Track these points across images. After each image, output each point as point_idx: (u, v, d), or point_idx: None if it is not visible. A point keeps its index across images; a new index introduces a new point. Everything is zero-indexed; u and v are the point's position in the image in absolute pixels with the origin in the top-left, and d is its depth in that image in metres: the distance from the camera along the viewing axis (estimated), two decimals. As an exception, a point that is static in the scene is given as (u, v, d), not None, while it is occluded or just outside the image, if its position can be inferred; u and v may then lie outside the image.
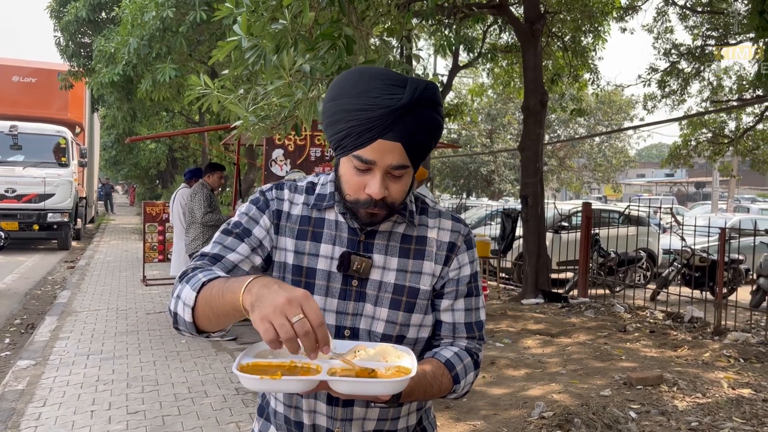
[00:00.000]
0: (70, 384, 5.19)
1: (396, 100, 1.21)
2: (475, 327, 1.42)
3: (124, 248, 15.48)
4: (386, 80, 1.23)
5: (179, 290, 1.25)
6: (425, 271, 1.38)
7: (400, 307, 1.35)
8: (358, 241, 1.36)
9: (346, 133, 1.25)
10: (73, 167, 15.46)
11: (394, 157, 1.24)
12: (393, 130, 1.22)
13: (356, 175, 1.27)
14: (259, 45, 3.01)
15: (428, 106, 1.25)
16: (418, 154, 1.27)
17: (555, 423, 4.20)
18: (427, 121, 1.25)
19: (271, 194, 1.41)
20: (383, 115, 1.21)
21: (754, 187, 50.04)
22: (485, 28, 12.22)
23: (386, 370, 1.16)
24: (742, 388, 5.06)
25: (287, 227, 1.38)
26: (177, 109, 16.73)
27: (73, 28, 11.06)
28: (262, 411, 1.51)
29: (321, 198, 1.39)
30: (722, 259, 7.67)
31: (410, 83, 1.23)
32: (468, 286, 1.41)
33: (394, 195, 1.28)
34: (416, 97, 1.22)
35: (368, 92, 1.22)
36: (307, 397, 1.37)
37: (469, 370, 1.38)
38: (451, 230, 1.41)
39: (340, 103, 1.26)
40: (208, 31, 7.86)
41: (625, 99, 30.15)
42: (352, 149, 1.25)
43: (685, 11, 12.85)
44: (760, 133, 14.03)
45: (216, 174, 6.86)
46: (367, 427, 1.38)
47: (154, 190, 32.34)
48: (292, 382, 1.12)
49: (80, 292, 9.41)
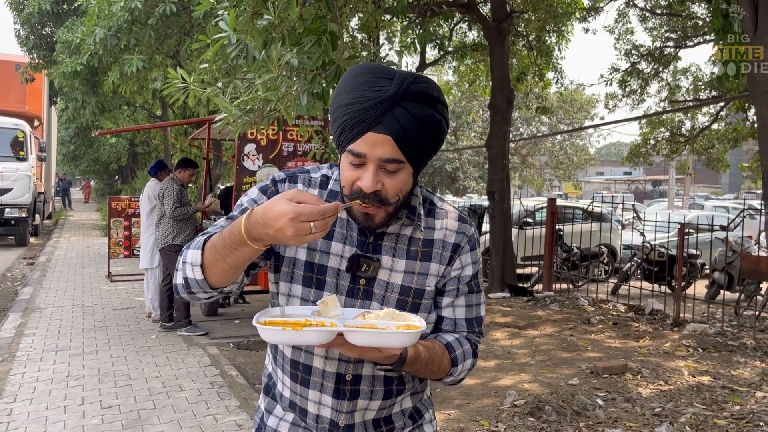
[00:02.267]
0: (39, 380, 5.12)
1: (383, 91, 1.23)
2: (475, 322, 1.47)
3: (86, 244, 15.17)
4: (376, 73, 1.25)
5: (182, 258, 1.30)
6: (431, 272, 1.41)
7: (406, 307, 1.38)
8: (367, 242, 1.38)
9: (341, 128, 1.27)
10: (32, 161, 15.08)
11: (385, 150, 1.24)
12: (382, 122, 1.22)
13: (351, 170, 1.28)
14: (241, 40, 3.04)
15: (419, 100, 1.25)
16: (414, 150, 1.26)
17: (527, 411, 4.33)
18: (419, 115, 1.24)
19: (283, 187, 1.41)
20: (370, 107, 1.22)
21: (707, 186, 51.65)
22: (452, 26, 12.35)
23: (396, 327, 1.20)
24: (701, 375, 5.29)
25: None
26: (139, 103, 16.45)
27: (35, 20, 10.78)
28: (269, 390, 1.54)
29: (333, 195, 1.40)
30: (681, 253, 7.94)
31: (398, 75, 1.25)
32: (469, 284, 1.45)
33: (387, 189, 1.28)
34: (403, 89, 1.23)
35: (359, 86, 1.25)
36: (313, 388, 1.40)
37: (467, 356, 1.43)
38: (456, 231, 1.43)
39: (338, 100, 1.28)
40: (177, 25, 7.77)
41: (586, 98, 30.77)
42: (346, 144, 1.27)
43: (645, 13, 13.21)
44: (715, 133, 14.49)
45: (188, 171, 6.83)
46: (368, 416, 1.42)
47: (114, 186, 31.70)
48: (312, 333, 1.16)
49: (42, 289, 9.22)
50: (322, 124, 6.56)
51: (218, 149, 11.73)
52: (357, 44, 4.71)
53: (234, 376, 5.25)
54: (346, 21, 4.10)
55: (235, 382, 5.11)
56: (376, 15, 4.49)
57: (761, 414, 4.35)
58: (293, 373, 1.43)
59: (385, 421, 1.45)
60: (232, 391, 4.90)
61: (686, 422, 4.20)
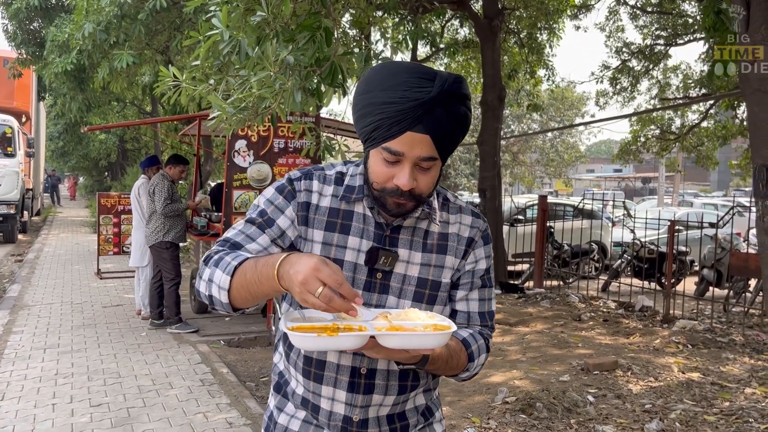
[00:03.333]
0: (28, 378, 5.08)
1: (425, 93, 1.23)
2: (487, 316, 1.49)
3: (75, 241, 15.06)
4: (415, 74, 1.26)
5: (209, 274, 1.30)
6: (447, 265, 1.43)
7: (423, 300, 1.40)
8: (384, 236, 1.39)
9: (376, 125, 1.27)
10: (20, 157, 14.94)
11: (423, 149, 1.26)
12: (422, 123, 1.24)
13: (385, 167, 1.29)
14: (234, 36, 3.02)
15: (456, 99, 1.27)
16: (447, 147, 1.30)
17: (518, 407, 4.34)
18: (455, 113, 1.27)
19: (299, 185, 1.42)
20: (412, 108, 1.23)
21: (697, 183, 51.99)
22: (444, 23, 12.35)
23: (424, 328, 1.20)
24: (691, 372, 5.32)
25: (316, 219, 1.40)
26: (129, 99, 16.34)
27: (23, 15, 10.67)
28: (279, 388, 1.53)
29: (350, 190, 1.41)
30: (671, 250, 7.99)
31: (439, 77, 1.26)
32: (482, 278, 1.47)
33: (422, 187, 1.31)
34: (445, 90, 1.25)
35: (398, 86, 1.25)
36: (327, 384, 1.40)
37: (482, 351, 1.44)
38: (470, 226, 1.45)
39: (370, 96, 1.28)
40: (167, 20, 7.71)
41: (577, 96, 30.86)
42: (381, 141, 1.27)
43: (636, 11, 13.26)
44: (704, 130, 14.58)
45: (179, 167, 6.80)
46: (382, 412, 1.43)
47: (103, 182, 31.48)
48: (347, 338, 1.15)
49: (31, 286, 9.15)
50: (315, 121, 6.54)
51: (209, 145, 11.69)
52: (350, 40, 4.69)
53: (224, 374, 5.23)
54: (339, 16, 4.08)
55: (225, 379, 5.09)
56: (368, 11, 4.47)
57: (750, 410, 4.38)
58: (306, 370, 1.42)
59: (398, 417, 1.46)
60: (223, 388, 4.88)
61: (676, 418, 4.22)
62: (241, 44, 3.03)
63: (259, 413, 4.37)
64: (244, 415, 4.34)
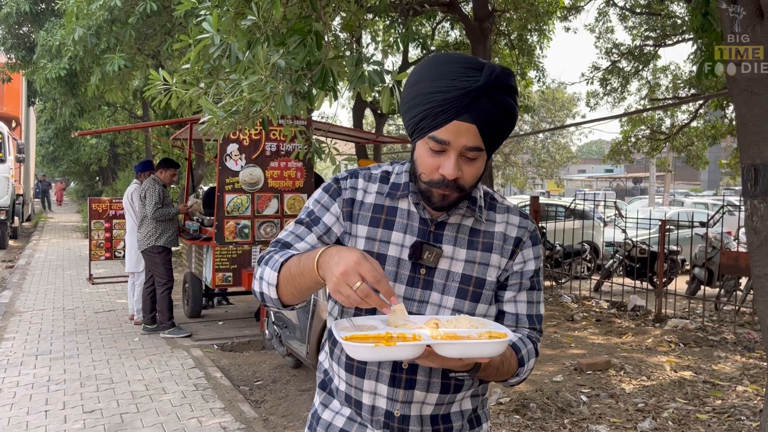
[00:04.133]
0: (20, 384, 5.05)
1: (473, 82, 1.25)
2: (535, 319, 1.46)
3: (66, 246, 14.99)
4: (463, 64, 1.28)
5: (260, 272, 1.35)
6: (492, 263, 1.42)
7: (467, 297, 1.39)
8: (429, 232, 1.40)
9: (423, 115, 1.29)
10: (10, 163, 14.85)
11: (469, 138, 1.27)
12: (468, 112, 1.26)
13: (431, 157, 1.31)
14: (224, 40, 3.02)
15: (503, 91, 1.29)
16: (493, 138, 1.31)
17: (512, 408, 4.36)
18: (502, 105, 1.29)
19: (345, 183, 1.45)
20: (459, 97, 1.25)
21: (687, 182, 52.29)
22: (434, 25, 12.38)
23: (479, 336, 1.20)
24: (683, 370, 5.35)
25: (360, 215, 1.43)
26: (120, 103, 16.28)
27: (13, 20, 10.62)
28: (325, 385, 1.53)
29: (395, 187, 1.43)
30: (662, 250, 8.03)
31: (487, 67, 1.28)
32: (531, 280, 1.45)
33: (467, 177, 1.31)
34: (492, 80, 1.26)
35: (446, 75, 1.27)
36: (369, 378, 1.40)
37: (531, 355, 1.42)
38: (518, 226, 1.45)
39: (419, 87, 1.30)
40: (158, 24, 7.69)
41: (567, 96, 30.99)
42: (428, 131, 1.29)
43: (625, 12, 13.32)
44: (694, 130, 14.66)
45: (170, 171, 6.76)
46: (425, 411, 1.41)
47: (94, 187, 31.32)
48: (405, 348, 1.14)
49: (22, 292, 9.10)
50: (306, 124, 6.54)
51: (200, 149, 11.65)
52: (340, 44, 4.70)
53: (218, 378, 5.21)
54: (330, 20, 4.08)
55: (219, 384, 5.08)
56: (358, 14, 4.48)
57: (742, 408, 4.41)
58: (348, 364, 1.43)
59: (443, 419, 1.43)
60: (217, 393, 4.87)
61: (669, 417, 4.25)
62: (231, 48, 3.04)
63: (253, 417, 4.37)
64: (238, 419, 4.33)
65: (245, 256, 6.65)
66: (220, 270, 6.60)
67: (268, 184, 6.73)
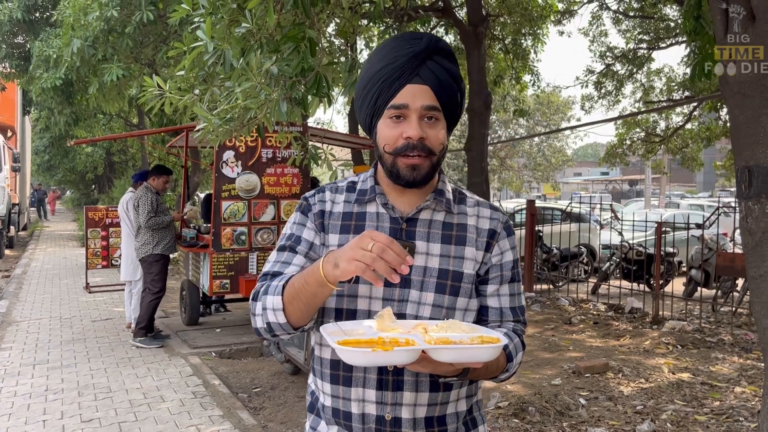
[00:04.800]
0: (18, 395, 5.03)
1: (416, 45, 1.35)
2: (519, 311, 1.48)
3: (63, 255, 14.96)
4: (404, 37, 1.39)
5: (261, 304, 1.35)
6: (467, 256, 1.42)
7: (446, 291, 1.39)
8: (400, 229, 1.41)
9: (378, 90, 1.36)
10: (6, 172, 14.84)
11: (425, 98, 1.34)
12: (419, 75, 1.34)
13: (393, 128, 1.36)
14: (218, 48, 3.03)
15: (445, 55, 1.38)
16: (448, 102, 1.37)
17: (511, 412, 4.36)
18: (448, 68, 1.37)
19: (313, 199, 1.48)
20: (407, 61, 1.34)
21: (682, 184, 52.43)
22: (428, 30, 12.41)
23: (471, 340, 1.19)
24: (681, 372, 5.36)
25: (331, 224, 1.45)
26: (115, 112, 16.27)
27: (6, 29, 10.62)
28: (312, 407, 1.52)
29: (362, 193, 1.46)
30: (659, 252, 8.05)
31: (427, 35, 1.38)
32: (512, 271, 1.47)
33: (432, 140, 1.36)
34: (433, 43, 1.36)
35: (391, 51, 1.37)
36: (356, 385, 1.39)
37: (518, 349, 1.42)
38: (490, 218, 1.46)
39: (370, 69, 1.39)
40: (153, 33, 7.71)
41: (562, 100, 31.07)
42: (386, 104, 1.36)
43: (618, 16, 13.39)
44: (689, 132, 14.71)
45: (162, 178, 6.73)
46: (418, 413, 1.39)
47: (90, 196, 31.26)
48: (402, 353, 1.13)
49: (19, 302, 9.07)
50: (301, 130, 6.55)
51: (196, 157, 11.66)
52: (335, 50, 4.72)
53: (216, 386, 5.20)
54: (324, 27, 4.10)
55: (217, 391, 5.07)
56: (353, 20, 4.50)
57: (740, 409, 4.42)
58: (334, 375, 1.42)
59: (438, 421, 1.42)
60: (215, 400, 4.86)
61: (667, 419, 4.25)
62: (225, 55, 3.04)
63: (252, 424, 4.36)
64: (237, 426, 4.32)
65: (242, 263, 6.64)
66: (217, 277, 6.59)
67: (264, 191, 6.73)
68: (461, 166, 29.54)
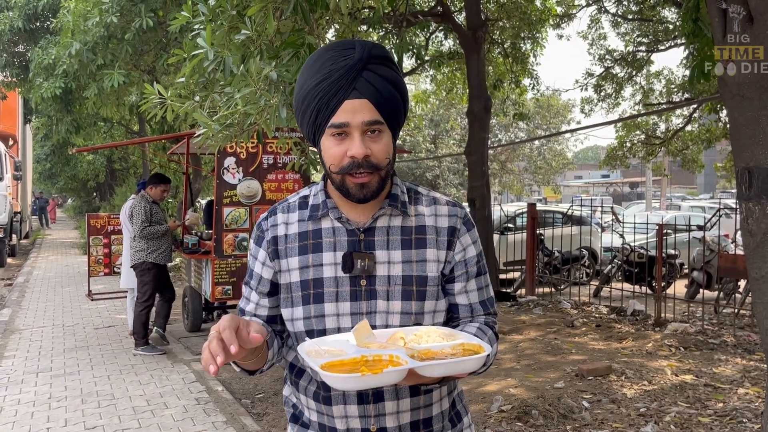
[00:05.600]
0: (21, 402, 5.04)
1: (350, 58, 1.27)
2: (488, 303, 1.47)
3: (65, 263, 14.97)
4: (335, 48, 1.31)
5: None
6: (429, 258, 1.39)
7: (413, 297, 1.37)
8: (359, 241, 1.38)
9: (316, 108, 1.29)
10: (7, 181, 14.88)
11: (365, 113, 1.28)
12: (356, 89, 1.27)
13: (336, 146, 1.30)
14: (218, 54, 3.05)
15: (381, 62, 1.30)
16: (390, 112, 1.31)
17: (514, 415, 4.35)
18: (385, 75, 1.30)
19: (266, 224, 1.45)
20: (342, 76, 1.26)
21: (683, 186, 52.40)
22: (428, 35, 12.45)
23: (452, 348, 1.19)
24: (684, 374, 5.35)
25: (287, 248, 1.41)
26: (116, 119, 16.31)
27: (7, 37, 10.67)
28: (296, 419, 1.51)
29: (315, 209, 1.42)
30: (660, 254, 8.05)
31: (359, 43, 1.30)
32: (477, 266, 1.45)
33: (377, 153, 1.30)
34: (367, 52, 1.28)
35: (324, 64, 1.29)
36: (336, 402, 1.38)
37: (492, 341, 1.41)
38: (448, 215, 1.43)
39: (305, 86, 1.31)
40: (153, 40, 7.74)
41: (562, 103, 31.10)
42: (326, 121, 1.29)
43: (617, 19, 13.42)
44: (689, 134, 14.73)
45: (160, 187, 6.66)
46: (402, 419, 1.39)
47: (92, 203, 31.29)
48: (392, 374, 1.11)
49: (22, 310, 9.09)
50: (301, 136, 6.57)
51: (197, 164, 11.68)
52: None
53: (220, 392, 5.21)
54: (323, 33, 4.12)
55: (221, 397, 5.07)
56: (352, 26, 4.51)
57: (744, 410, 4.41)
58: (317, 393, 1.42)
59: (424, 423, 1.42)
60: (218, 406, 4.86)
61: (671, 421, 4.25)
62: (225, 62, 3.06)
63: (255, 430, 4.36)
64: (240, 432, 4.32)
65: (244, 269, 6.64)
66: (219, 283, 6.60)
67: (265, 197, 6.74)
68: (462, 170, 29.55)
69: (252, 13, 2.65)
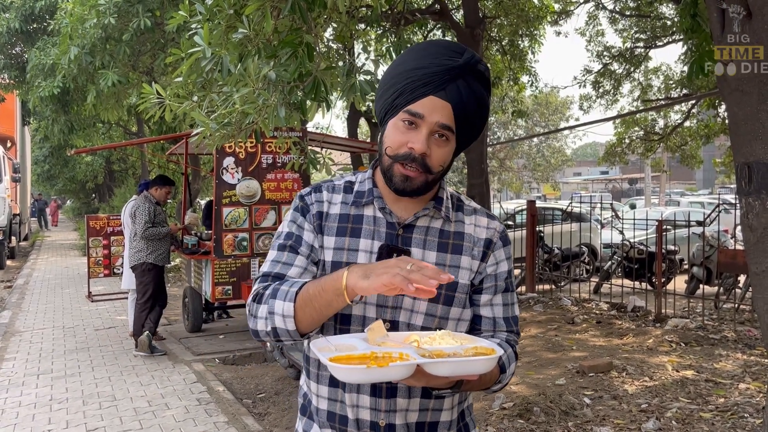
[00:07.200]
0: (22, 405, 5.03)
1: (454, 61, 1.30)
2: (512, 321, 1.46)
3: (65, 264, 14.96)
4: (447, 46, 1.34)
5: (266, 308, 1.30)
6: (463, 265, 1.40)
7: (440, 300, 1.37)
8: (396, 235, 1.38)
9: (401, 90, 1.32)
10: (6, 183, 14.87)
11: (443, 115, 1.29)
12: (445, 89, 1.29)
13: (402, 133, 1.32)
14: (216, 53, 3.04)
15: (479, 78, 1.33)
16: (465, 124, 1.33)
17: (516, 413, 4.35)
18: (476, 91, 1.33)
19: (310, 198, 1.44)
20: (439, 72, 1.29)
21: (682, 182, 52.43)
22: (426, 33, 12.44)
23: (465, 352, 1.18)
24: (685, 370, 5.35)
25: (327, 226, 1.41)
26: (114, 120, 16.30)
27: (4, 39, 10.65)
28: (305, 410, 1.50)
29: (360, 195, 1.43)
30: (660, 250, 8.05)
31: (467, 51, 1.33)
32: (505, 281, 1.45)
33: (434, 158, 1.32)
34: (472, 63, 1.31)
35: (429, 55, 1.31)
36: (350, 391, 1.38)
37: (511, 360, 1.40)
38: (487, 227, 1.44)
39: (400, 68, 1.34)
40: (151, 40, 7.73)
41: (561, 100, 31.11)
42: (403, 106, 1.31)
43: (615, 15, 13.41)
44: (687, 130, 14.73)
45: (165, 189, 6.67)
46: (410, 418, 1.39)
47: (91, 205, 31.29)
48: (398, 369, 1.11)
49: (22, 312, 9.08)
50: (300, 135, 6.56)
51: (196, 164, 11.67)
52: (332, 54, 4.73)
53: (221, 392, 5.20)
54: (321, 32, 4.11)
55: (222, 397, 5.07)
56: (350, 25, 4.50)
57: (745, 405, 4.42)
58: (333, 378, 1.40)
59: (429, 427, 1.42)
60: (220, 407, 4.86)
61: (672, 417, 4.25)
62: (223, 61, 3.05)
63: (257, 430, 4.36)
64: (241, 432, 4.32)
65: (244, 268, 6.65)
66: (219, 283, 6.59)
67: (265, 197, 6.74)
68: (461, 168, 29.55)
69: (249, 12, 2.64)
